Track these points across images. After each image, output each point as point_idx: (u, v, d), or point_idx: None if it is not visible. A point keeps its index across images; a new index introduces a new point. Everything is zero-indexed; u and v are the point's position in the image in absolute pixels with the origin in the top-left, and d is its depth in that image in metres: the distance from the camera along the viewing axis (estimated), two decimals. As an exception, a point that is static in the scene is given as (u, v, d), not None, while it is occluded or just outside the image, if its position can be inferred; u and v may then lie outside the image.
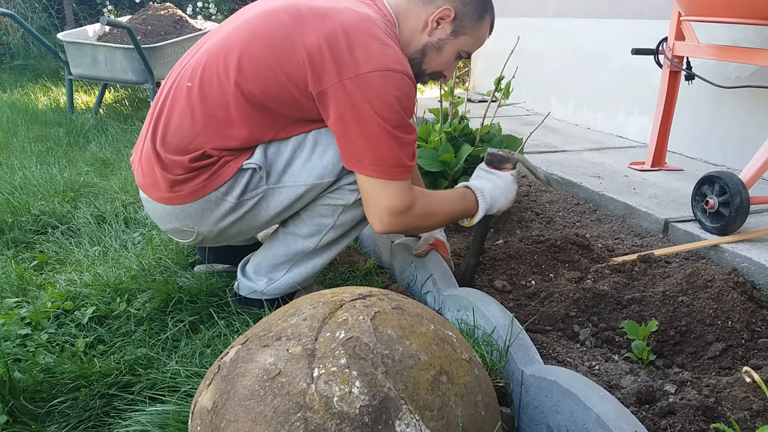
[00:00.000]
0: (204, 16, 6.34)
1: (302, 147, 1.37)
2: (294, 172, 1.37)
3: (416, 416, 0.83)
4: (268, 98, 1.31)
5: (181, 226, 1.42)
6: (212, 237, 1.45)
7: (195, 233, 1.44)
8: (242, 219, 1.41)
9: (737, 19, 2.16)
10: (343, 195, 1.41)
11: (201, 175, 1.35)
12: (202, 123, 1.33)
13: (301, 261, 1.49)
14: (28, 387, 1.19)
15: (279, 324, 0.93)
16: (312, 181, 1.37)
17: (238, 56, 1.31)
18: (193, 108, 1.33)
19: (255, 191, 1.37)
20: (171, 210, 1.39)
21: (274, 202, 1.39)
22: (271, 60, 1.30)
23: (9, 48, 6.44)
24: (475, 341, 1.26)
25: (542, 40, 4.25)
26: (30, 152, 3.05)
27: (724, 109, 2.84)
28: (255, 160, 1.34)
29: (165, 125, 1.36)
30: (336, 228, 1.45)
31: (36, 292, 1.61)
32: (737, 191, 1.88)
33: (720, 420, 1.08)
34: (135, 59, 3.74)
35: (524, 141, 2.23)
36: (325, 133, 1.36)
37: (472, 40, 1.49)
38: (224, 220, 1.40)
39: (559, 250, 1.83)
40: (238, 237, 1.49)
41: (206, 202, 1.37)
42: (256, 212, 1.40)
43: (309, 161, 1.36)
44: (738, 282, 1.49)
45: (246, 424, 0.82)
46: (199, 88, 1.33)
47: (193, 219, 1.40)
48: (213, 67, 1.33)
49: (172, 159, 1.35)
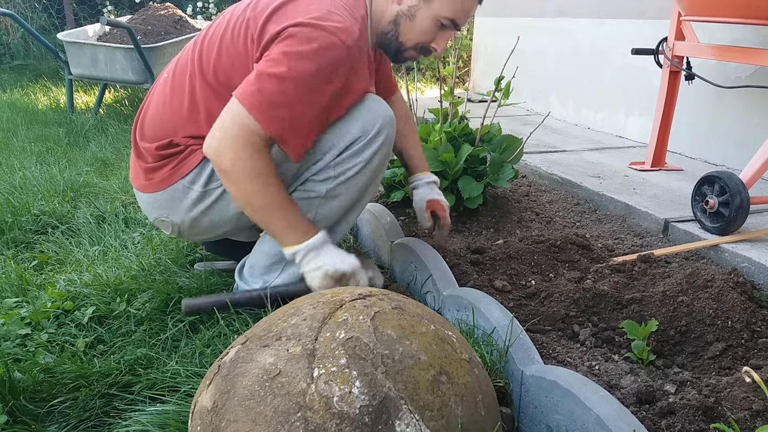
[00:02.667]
0: (204, 16, 6.34)
1: None
2: None
3: (416, 416, 0.83)
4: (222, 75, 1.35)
5: (159, 215, 1.48)
6: (187, 228, 1.48)
7: (170, 224, 1.48)
8: (211, 209, 1.43)
9: (737, 19, 2.16)
10: (313, 186, 1.41)
11: (169, 163, 1.41)
12: (170, 110, 1.41)
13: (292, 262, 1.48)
14: (28, 387, 1.19)
15: (279, 324, 0.93)
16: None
17: (202, 40, 1.42)
18: (165, 96, 1.43)
19: (219, 180, 1.38)
20: (147, 199, 1.47)
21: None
22: (226, 36, 1.36)
23: (9, 48, 6.44)
24: (475, 341, 1.26)
25: (542, 40, 4.25)
26: (30, 152, 3.05)
27: (724, 109, 2.84)
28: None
29: (143, 116, 1.48)
30: (318, 223, 1.43)
31: (36, 292, 1.61)
32: (737, 191, 1.88)
33: (720, 420, 1.08)
34: (135, 59, 3.74)
35: (524, 141, 2.23)
36: None
37: (449, 3, 1.36)
38: (193, 209, 1.43)
39: (559, 250, 1.83)
40: (215, 230, 1.50)
41: (175, 191, 1.42)
42: (225, 202, 1.42)
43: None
44: (738, 282, 1.49)
45: (246, 424, 0.82)
46: (172, 78, 1.44)
47: (166, 208, 1.45)
48: (185, 56, 1.44)
49: (145, 147, 1.44)
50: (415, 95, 2.30)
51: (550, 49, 4.20)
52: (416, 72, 2.71)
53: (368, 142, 1.37)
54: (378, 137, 1.38)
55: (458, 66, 2.99)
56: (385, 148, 1.41)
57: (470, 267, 1.73)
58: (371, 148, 1.38)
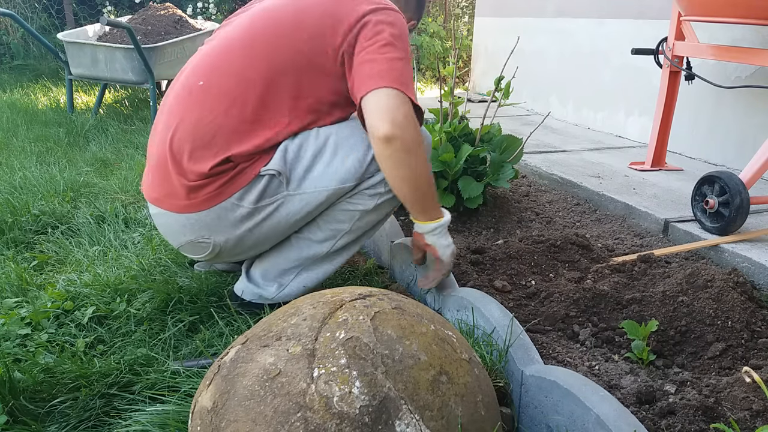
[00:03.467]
0: (204, 16, 6.34)
1: (323, 152, 1.36)
2: (315, 177, 1.35)
3: (416, 416, 0.83)
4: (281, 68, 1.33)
5: (196, 237, 1.38)
6: (229, 248, 1.40)
7: (211, 245, 1.39)
8: (260, 227, 1.37)
9: (737, 19, 2.16)
10: (363, 200, 1.40)
11: (217, 180, 1.32)
12: (220, 122, 1.31)
13: (312, 266, 1.48)
14: (28, 387, 1.18)
15: (279, 324, 0.93)
16: (334, 186, 1.36)
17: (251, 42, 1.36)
18: (210, 106, 1.32)
19: (273, 197, 1.35)
20: (185, 220, 1.36)
21: (293, 209, 1.37)
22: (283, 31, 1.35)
23: (9, 48, 6.44)
24: (475, 341, 1.26)
25: (542, 40, 4.25)
26: (30, 152, 3.05)
27: (724, 109, 2.84)
28: (273, 165, 1.32)
29: (179, 127, 1.34)
30: (350, 233, 1.45)
31: (36, 292, 1.61)
32: (737, 191, 1.88)
33: (720, 420, 1.08)
34: (135, 59, 3.74)
35: (524, 141, 2.23)
36: (346, 138, 1.37)
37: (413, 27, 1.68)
38: (240, 227, 1.36)
39: (559, 250, 1.84)
40: (256, 248, 1.45)
41: (222, 209, 1.34)
42: (275, 220, 1.37)
43: (330, 166, 1.35)
44: (738, 282, 1.49)
45: (246, 424, 0.82)
46: (212, 85, 1.34)
47: (209, 228, 1.36)
48: (225, 63, 1.36)
49: (190, 164, 1.32)
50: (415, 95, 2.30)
51: (550, 49, 4.20)
52: (416, 72, 2.71)
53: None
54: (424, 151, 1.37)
55: (458, 66, 2.99)
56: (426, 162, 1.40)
57: (470, 267, 1.73)
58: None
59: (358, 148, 1.37)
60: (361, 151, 1.37)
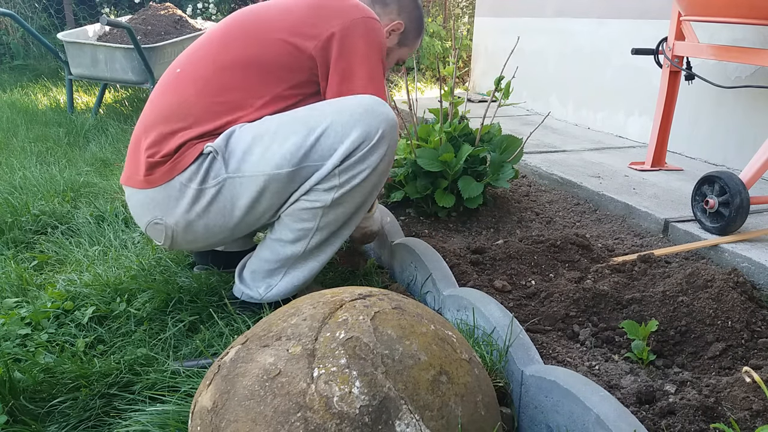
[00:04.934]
0: (204, 16, 6.34)
1: (263, 136, 1.35)
2: (253, 161, 1.34)
3: (416, 416, 0.83)
4: (256, 58, 1.40)
5: (153, 218, 1.42)
6: (181, 232, 1.42)
7: (164, 227, 1.42)
8: (207, 212, 1.38)
9: (737, 19, 2.16)
10: (319, 197, 1.37)
11: (172, 158, 1.38)
12: (192, 99, 1.40)
13: (296, 265, 1.47)
14: (28, 387, 1.18)
15: (279, 324, 0.93)
16: (269, 170, 1.33)
17: (228, 32, 1.46)
18: (182, 85, 1.42)
19: (216, 179, 1.36)
20: (144, 198, 1.41)
21: (235, 193, 1.36)
22: (262, 26, 1.44)
23: (9, 48, 6.44)
24: (475, 341, 1.26)
25: (542, 40, 4.25)
26: (30, 152, 3.05)
27: (724, 109, 2.84)
28: (215, 144, 1.35)
29: (151, 109, 1.45)
30: (321, 230, 1.42)
31: (36, 292, 1.61)
32: (737, 191, 1.88)
33: (720, 420, 1.08)
34: (135, 59, 3.74)
35: (524, 141, 2.23)
36: (288, 123, 1.36)
37: (409, 51, 1.76)
38: (190, 211, 1.38)
39: (559, 250, 1.84)
40: (211, 237, 1.45)
41: (171, 189, 1.37)
42: (220, 204, 1.38)
43: (268, 150, 1.34)
44: (738, 282, 1.49)
45: (246, 424, 0.82)
46: (188, 71, 1.44)
47: (161, 208, 1.40)
48: (202, 51, 1.46)
49: (155, 143, 1.39)
50: (415, 95, 2.31)
51: (550, 49, 4.20)
52: (416, 72, 2.71)
53: (373, 147, 1.35)
54: (383, 141, 1.36)
55: (458, 66, 2.99)
56: (391, 152, 1.40)
57: (470, 267, 1.73)
58: (377, 152, 1.36)
59: (299, 133, 1.34)
60: (301, 136, 1.34)
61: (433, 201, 2.13)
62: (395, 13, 1.68)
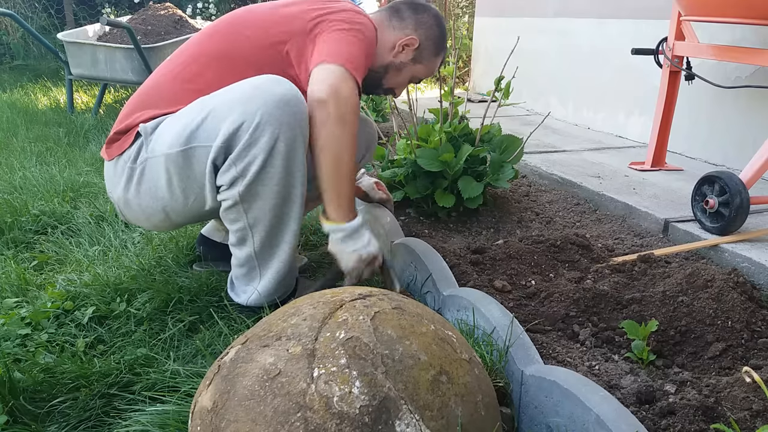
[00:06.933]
0: (204, 16, 6.34)
1: (171, 117, 1.39)
2: (159, 141, 1.37)
3: (416, 416, 0.83)
4: (232, 52, 1.44)
5: (108, 191, 1.51)
6: (123, 208, 1.48)
7: (114, 201, 1.50)
8: (138, 192, 1.42)
9: (737, 19, 2.16)
10: (228, 194, 1.34)
11: (123, 137, 1.44)
12: (165, 82, 1.46)
13: (264, 266, 1.44)
14: (28, 387, 1.19)
15: (279, 324, 0.93)
16: (165, 150, 1.34)
17: (214, 29, 1.51)
18: (162, 70, 1.49)
19: (140, 159, 1.39)
20: (106, 171, 1.49)
21: (153, 175, 1.38)
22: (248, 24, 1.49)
23: (9, 48, 6.45)
24: (475, 341, 1.26)
25: (542, 40, 4.25)
26: (30, 152, 3.05)
27: (724, 109, 2.84)
28: (147, 125, 1.39)
29: (135, 97, 1.50)
30: (255, 227, 1.38)
31: (36, 292, 1.61)
32: (737, 191, 1.88)
33: (720, 420, 1.08)
34: (135, 59, 3.74)
35: (524, 141, 2.23)
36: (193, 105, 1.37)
37: (426, 70, 1.69)
38: (127, 189, 1.43)
39: (559, 250, 1.84)
40: (150, 217, 1.46)
41: (118, 166, 1.43)
42: (146, 186, 1.41)
43: (166, 131, 1.36)
44: (738, 282, 1.49)
45: (246, 424, 0.82)
46: (172, 59, 1.51)
47: (111, 182, 1.47)
48: (190, 42, 1.52)
49: (124, 120, 1.45)
50: (415, 95, 2.31)
51: (550, 49, 4.20)
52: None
53: (257, 128, 1.27)
54: (268, 121, 1.26)
55: (458, 66, 2.99)
56: (289, 131, 1.29)
57: (470, 267, 1.73)
58: (266, 134, 1.27)
59: (191, 114, 1.35)
60: (191, 117, 1.34)
61: (433, 201, 2.13)
62: (411, 29, 1.61)
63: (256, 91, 1.29)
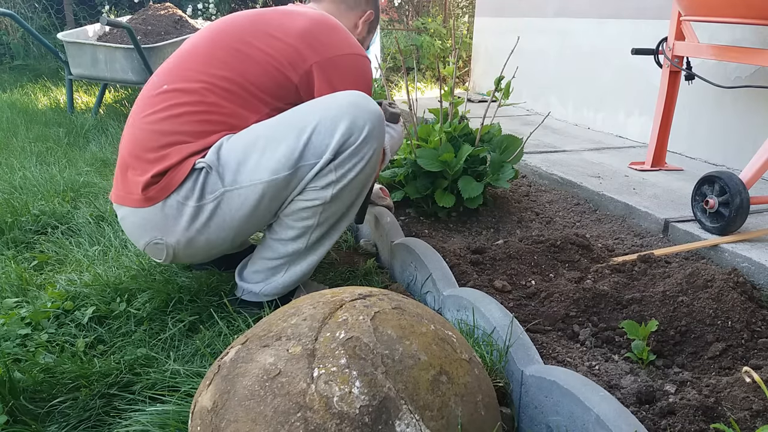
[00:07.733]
0: (204, 17, 6.34)
1: (254, 144, 1.36)
2: (248, 170, 1.35)
3: (416, 416, 0.83)
4: (244, 79, 1.41)
5: (152, 239, 1.41)
6: (182, 249, 1.42)
7: (165, 246, 1.41)
8: (207, 227, 1.38)
9: (737, 19, 2.16)
10: (317, 194, 1.38)
11: (164, 176, 1.36)
12: (179, 118, 1.38)
13: (297, 260, 1.48)
14: (28, 387, 1.18)
15: (279, 324, 0.93)
16: (267, 177, 1.34)
17: (212, 50, 1.45)
18: (171, 105, 1.40)
19: (213, 194, 1.35)
20: (141, 220, 1.40)
21: (234, 205, 1.36)
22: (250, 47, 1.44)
23: (9, 48, 6.45)
24: (475, 341, 1.26)
25: (542, 40, 4.25)
26: (30, 152, 3.05)
27: (724, 109, 2.84)
28: (206, 159, 1.35)
29: (139, 129, 1.42)
30: (321, 225, 1.44)
31: (36, 292, 1.61)
32: (737, 191, 1.88)
33: (720, 420, 1.08)
34: (135, 59, 3.74)
35: (524, 141, 2.23)
36: (274, 128, 1.37)
37: (372, 34, 1.79)
38: (189, 228, 1.38)
39: (559, 250, 1.84)
40: (212, 249, 1.45)
41: (169, 208, 1.36)
42: (219, 218, 1.38)
43: (263, 157, 1.35)
44: (738, 282, 1.49)
45: (246, 424, 0.82)
46: (176, 88, 1.41)
47: (160, 228, 1.39)
48: (187, 63, 1.45)
49: (146, 161, 1.38)
50: (415, 95, 2.31)
51: (550, 49, 4.20)
52: (416, 72, 2.71)
53: (364, 139, 1.36)
54: (372, 132, 1.37)
55: (458, 66, 2.99)
56: (381, 144, 1.41)
57: (470, 267, 1.73)
58: (368, 144, 1.37)
59: (290, 136, 1.35)
60: (293, 138, 1.35)
61: (433, 201, 2.13)
62: (364, 3, 1.71)
63: (358, 104, 1.37)
